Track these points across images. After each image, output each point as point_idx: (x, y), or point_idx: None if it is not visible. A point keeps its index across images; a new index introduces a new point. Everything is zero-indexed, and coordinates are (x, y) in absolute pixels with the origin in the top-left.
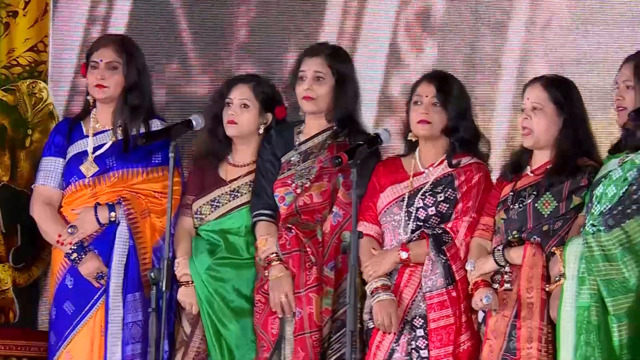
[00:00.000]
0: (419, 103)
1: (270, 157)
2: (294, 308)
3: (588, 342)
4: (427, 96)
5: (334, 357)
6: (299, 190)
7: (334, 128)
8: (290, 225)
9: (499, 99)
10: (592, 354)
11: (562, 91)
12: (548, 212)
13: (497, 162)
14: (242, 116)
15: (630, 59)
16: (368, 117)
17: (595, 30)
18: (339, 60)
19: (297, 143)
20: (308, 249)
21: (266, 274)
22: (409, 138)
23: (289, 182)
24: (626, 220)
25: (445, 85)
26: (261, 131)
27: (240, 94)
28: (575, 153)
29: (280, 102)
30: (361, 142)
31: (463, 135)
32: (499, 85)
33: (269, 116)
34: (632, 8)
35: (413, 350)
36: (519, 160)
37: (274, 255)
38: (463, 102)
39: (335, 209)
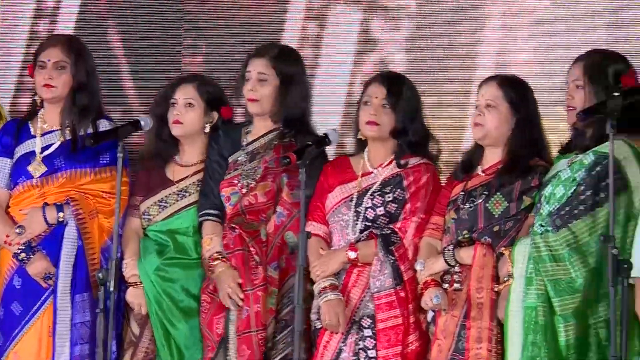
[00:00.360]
0: (368, 104)
1: (218, 158)
2: (241, 295)
3: (535, 343)
4: (376, 97)
5: (279, 358)
6: (244, 190)
7: (281, 129)
8: (234, 225)
9: (451, 98)
10: (539, 354)
11: (516, 91)
12: (499, 213)
13: None
14: (187, 115)
15: (580, 58)
16: (335, 119)
17: (549, 30)
18: (284, 61)
19: (244, 143)
20: (252, 249)
21: (210, 274)
22: (358, 137)
23: (235, 182)
24: (573, 220)
25: (395, 87)
26: (207, 130)
27: (184, 94)
28: (527, 153)
29: (226, 101)
30: (310, 143)
31: (411, 138)
32: (449, 86)
33: (215, 115)
34: (584, 8)
35: (360, 350)
36: (470, 159)
37: (217, 253)
38: (413, 105)
39: (279, 208)
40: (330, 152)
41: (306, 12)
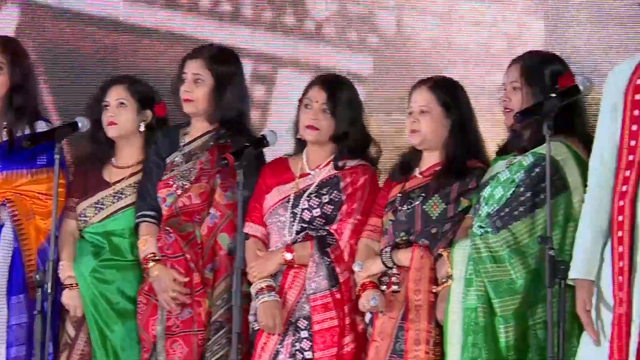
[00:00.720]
0: (308, 107)
1: (156, 159)
2: (186, 299)
3: (475, 344)
4: (317, 101)
5: (214, 359)
6: (179, 192)
7: (217, 130)
8: (168, 229)
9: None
10: (479, 355)
11: (449, 93)
12: (436, 215)
13: None
14: (121, 116)
15: (517, 60)
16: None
17: (483, 31)
18: (220, 62)
19: (182, 144)
20: (187, 255)
21: (146, 275)
22: (297, 137)
23: (171, 183)
24: (513, 222)
25: (336, 91)
26: (142, 129)
27: (116, 95)
28: (463, 155)
29: (158, 100)
30: (247, 144)
31: (351, 143)
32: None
33: (148, 113)
34: (518, 9)
35: (297, 352)
36: (408, 161)
37: (152, 255)
38: (354, 110)
39: (212, 210)
40: None
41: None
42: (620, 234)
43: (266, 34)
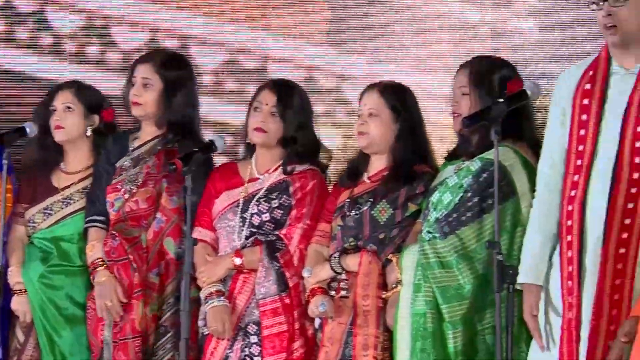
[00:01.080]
0: (258, 110)
1: (106, 164)
2: (121, 312)
3: (423, 349)
4: (267, 104)
5: None
6: (126, 196)
7: (165, 134)
8: (114, 232)
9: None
10: None
11: (398, 97)
12: (384, 220)
13: None
14: (67, 120)
15: (466, 65)
16: None
17: (430, 37)
18: (169, 67)
19: (131, 149)
20: (130, 256)
21: (93, 280)
22: (247, 141)
23: (119, 187)
24: (461, 227)
25: (286, 95)
26: (89, 133)
27: (63, 99)
28: (411, 159)
29: (107, 105)
30: (196, 149)
31: (300, 147)
32: (342, 91)
33: (96, 118)
34: (466, 16)
35: (247, 357)
36: (356, 166)
37: (99, 260)
38: (303, 114)
39: (158, 215)
40: None
41: None
42: (569, 238)
43: None
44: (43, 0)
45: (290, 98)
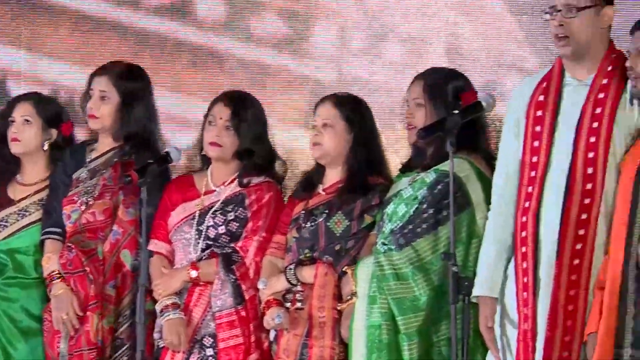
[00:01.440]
0: (212, 124)
1: (63, 176)
2: (77, 325)
3: None
4: (221, 118)
5: None
6: (83, 208)
7: (122, 146)
8: (70, 245)
9: (293, 115)
10: None
11: (352, 109)
12: (340, 231)
13: None
14: (25, 133)
15: (420, 77)
16: None
17: (385, 48)
18: (127, 79)
19: (87, 160)
20: (87, 268)
21: (49, 292)
22: (202, 154)
23: (75, 199)
24: (416, 239)
25: (241, 108)
26: (45, 147)
27: (22, 111)
28: (366, 171)
29: (66, 118)
30: (151, 161)
31: (256, 160)
32: (294, 102)
33: (54, 132)
34: (420, 28)
35: None
36: (311, 178)
37: (55, 272)
38: (258, 127)
39: (114, 227)
40: None
41: None
42: (524, 249)
43: None
44: None
45: (245, 111)
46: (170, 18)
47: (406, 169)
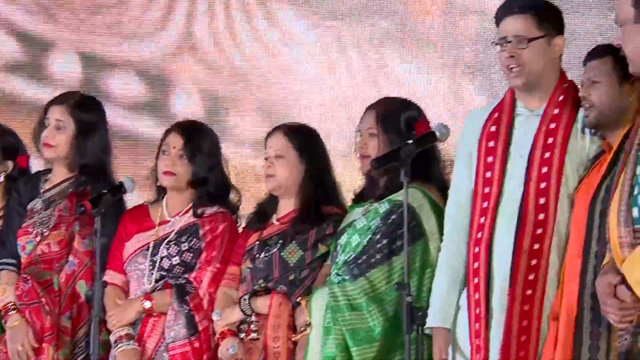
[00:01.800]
0: (166, 153)
1: (17, 206)
2: (32, 357)
3: None
4: (174, 147)
5: None
6: (38, 239)
7: (77, 177)
8: (26, 276)
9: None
10: None
11: (304, 139)
12: (294, 261)
13: None
14: None
15: (373, 106)
16: None
17: (336, 78)
18: (83, 110)
19: (42, 191)
20: (43, 299)
21: (4, 324)
22: (157, 184)
23: (30, 230)
24: (370, 269)
25: (194, 137)
26: (1, 179)
27: None
28: (319, 201)
29: (23, 150)
30: (105, 191)
31: (210, 189)
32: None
33: (9, 164)
34: (368, 59)
35: None
36: (265, 208)
37: (10, 304)
38: (212, 156)
39: (70, 258)
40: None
41: None
42: (476, 281)
43: None
44: None
45: (198, 140)
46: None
47: (359, 199)
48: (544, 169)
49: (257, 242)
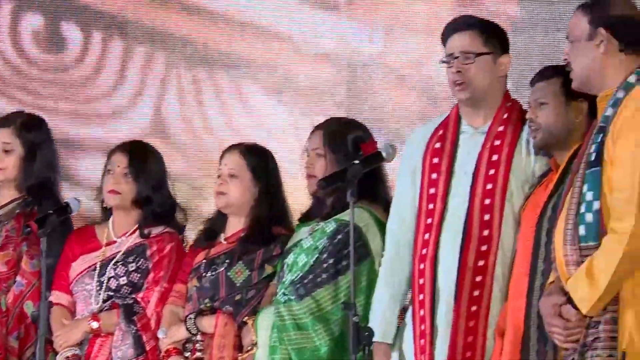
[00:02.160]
0: (111, 172)
1: None
2: None
3: None
4: (119, 166)
5: None
6: None
7: (24, 197)
8: None
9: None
10: None
11: (259, 160)
12: (240, 281)
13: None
14: None
15: (319, 127)
16: None
17: (285, 99)
18: (29, 130)
19: None
20: None
21: None
22: (103, 205)
23: None
24: (316, 289)
25: (138, 156)
26: None
27: None
28: (269, 221)
29: None
30: (51, 212)
31: (156, 208)
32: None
33: None
34: (323, 77)
35: None
36: (213, 227)
37: None
38: (157, 174)
39: (18, 278)
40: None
41: None
42: (421, 297)
43: None
44: None
45: (143, 159)
46: None
47: (306, 218)
48: (489, 186)
49: (204, 261)
